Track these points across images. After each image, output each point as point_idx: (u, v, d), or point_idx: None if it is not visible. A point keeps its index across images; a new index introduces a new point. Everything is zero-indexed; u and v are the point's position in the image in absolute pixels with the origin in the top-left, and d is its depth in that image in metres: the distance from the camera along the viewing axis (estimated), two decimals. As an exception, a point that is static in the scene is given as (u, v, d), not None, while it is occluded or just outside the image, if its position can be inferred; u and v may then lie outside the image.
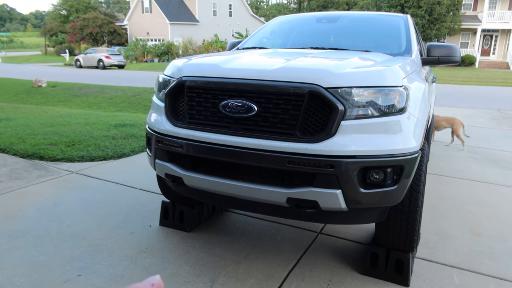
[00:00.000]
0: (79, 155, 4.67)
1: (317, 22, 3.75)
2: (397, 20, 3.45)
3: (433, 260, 2.61)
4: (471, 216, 3.34)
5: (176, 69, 2.39)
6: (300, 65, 2.17)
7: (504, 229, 3.11)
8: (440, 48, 3.03)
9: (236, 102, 2.05)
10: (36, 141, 5.15)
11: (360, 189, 1.93)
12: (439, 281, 2.37)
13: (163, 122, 2.34)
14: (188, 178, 2.25)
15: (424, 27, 29.91)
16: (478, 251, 2.74)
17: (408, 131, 2.01)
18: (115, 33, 44.53)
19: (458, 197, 3.78)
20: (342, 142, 1.90)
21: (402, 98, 1.99)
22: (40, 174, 4.06)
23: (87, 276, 2.33)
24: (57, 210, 3.21)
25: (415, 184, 2.17)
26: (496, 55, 34.41)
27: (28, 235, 2.78)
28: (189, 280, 2.32)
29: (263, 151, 1.99)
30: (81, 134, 5.74)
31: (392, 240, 2.34)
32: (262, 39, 3.71)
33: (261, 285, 2.29)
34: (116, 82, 17.38)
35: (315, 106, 1.96)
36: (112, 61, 29.20)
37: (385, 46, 3.07)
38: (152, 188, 3.69)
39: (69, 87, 15.27)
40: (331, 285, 2.31)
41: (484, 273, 2.48)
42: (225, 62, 2.30)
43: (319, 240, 2.85)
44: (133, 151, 5.03)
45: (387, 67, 2.13)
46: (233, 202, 2.37)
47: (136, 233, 2.88)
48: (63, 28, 49.55)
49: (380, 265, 2.37)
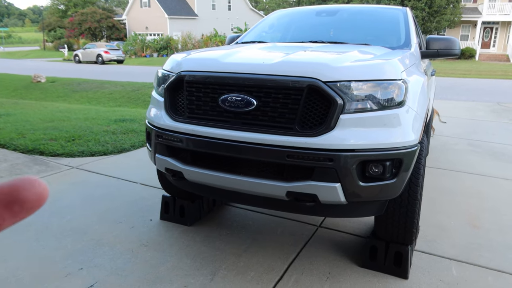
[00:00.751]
0: (79, 150, 4.68)
1: (316, 15, 3.74)
2: (396, 13, 3.44)
3: (432, 253, 2.63)
4: (470, 209, 3.35)
5: (175, 64, 2.40)
6: (299, 59, 2.18)
7: (502, 222, 3.13)
8: (439, 41, 3.02)
9: (236, 97, 2.06)
10: (36, 136, 5.16)
11: (359, 183, 1.95)
12: (438, 273, 2.39)
13: (163, 117, 2.34)
14: (188, 173, 2.26)
15: (424, 20, 29.78)
16: (477, 244, 2.76)
17: (407, 124, 2.01)
18: (114, 27, 44.36)
19: (457, 191, 3.79)
20: (341, 136, 1.91)
21: (401, 91, 2.00)
22: (41, 169, 4.08)
23: (89, 269, 2.35)
24: (58, 205, 3.23)
25: (414, 177, 2.19)
26: (496, 47, 34.29)
27: (30, 230, 2.79)
28: (190, 273, 2.34)
29: (263, 145, 2.00)
30: (81, 129, 5.75)
31: (391, 233, 2.35)
32: (261, 33, 3.70)
33: (261, 278, 2.31)
34: (115, 77, 17.35)
35: (314, 100, 1.96)
36: (111, 56, 29.11)
37: (384, 39, 3.06)
38: (153, 183, 3.70)
39: (68, 83, 15.25)
40: (330, 277, 2.33)
41: (483, 265, 2.50)
42: (224, 56, 2.30)
43: (318, 233, 2.87)
44: (133, 146, 5.04)
45: (386, 61, 2.13)
46: (233, 196, 2.38)
47: (137, 227, 2.90)
48: (61, 23, 49.34)
49: (379, 258, 2.39)
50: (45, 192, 0.36)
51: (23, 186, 0.35)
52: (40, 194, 0.36)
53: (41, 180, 0.36)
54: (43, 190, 0.36)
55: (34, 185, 0.36)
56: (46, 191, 0.37)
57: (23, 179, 0.36)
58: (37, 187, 0.36)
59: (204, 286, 2.22)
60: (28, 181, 0.36)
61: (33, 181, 0.36)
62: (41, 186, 0.36)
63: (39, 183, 0.36)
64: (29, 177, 0.36)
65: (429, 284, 2.28)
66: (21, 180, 0.36)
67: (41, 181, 0.36)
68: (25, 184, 0.35)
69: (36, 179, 0.36)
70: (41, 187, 0.36)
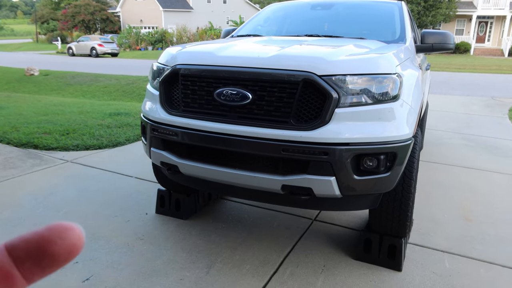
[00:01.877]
0: (74, 144, 4.65)
1: (312, 9, 3.73)
2: (391, 7, 3.44)
3: (425, 246, 2.66)
4: (464, 203, 3.39)
5: (170, 57, 2.38)
6: (294, 52, 2.18)
7: (495, 215, 3.16)
8: (434, 35, 3.03)
9: (231, 90, 2.05)
10: (30, 130, 5.12)
11: (353, 176, 1.96)
12: (431, 265, 2.42)
13: (158, 111, 2.34)
14: (183, 166, 2.26)
15: (420, 14, 29.79)
16: (469, 237, 2.80)
17: (401, 118, 2.03)
18: (108, 20, 43.94)
19: (450, 184, 3.83)
20: (336, 130, 1.92)
21: (395, 85, 2.00)
22: (35, 163, 4.05)
23: (85, 263, 2.35)
24: (53, 199, 3.22)
25: (408, 171, 2.20)
26: (491, 42, 34.41)
27: (25, 223, 2.79)
28: (185, 267, 2.35)
29: (258, 139, 2.00)
30: (76, 123, 5.72)
31: (385, 226, 2.38)
32: (256, 27, 3.69)
33: (257, 271, 2.33)
34: (110, 70, 17.21)
35: (309, 94, 1.97)
36: (106, 49, 28.86)
37: (379, 33, 3.07)
38: (148, 177, 3.70)
39: (62, 76, 15.11)
40: (325, 270, 2.35)
41: (475, 257, 2.53)
42: (219, 50, 2.29)
43: (314, 226, 2.89)
44: (128, 139, 5.03)
45: (381, 55, 2.14)
46: (228, 189, 2.39)
47: (132, 221, 2.90)
48: (54, 15, 48.77)
49: (374, 250, 2.42)
50: (79, 243, 0.32)
51: (53, 238, 0.31)
52: (73, 246, 0.31)
53: (75, 227, 0.32)
54: (77, 240, 0.32)
55: (67, 236, 0.31)
56: (80, 241, 0.32)
57: (54, 228, 0.31)
58: (70, 237, 0.31)
59: (200, 279, 2.23)
60: (60, 230, 0.31)
61: (65, 231, 0.31)
62: (74, 236, 0.31)
63: (73, 232, 0.32)
64: (62, 224, 0.31)
65: (422, 276, 2.31)
66: (52, 230, 0.31)
67: (75, 228, 0.32)
68: (56, 235, 0.31)
69: (71, 227, 0.32)
70: (75, 237, 0.31)
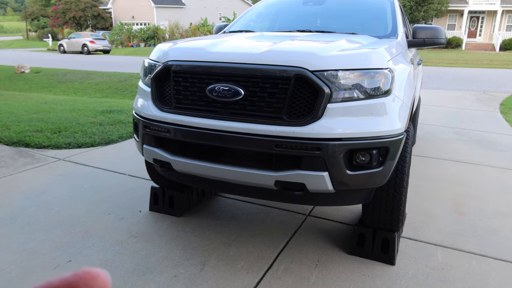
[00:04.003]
0: (66, 142, 4.62)
1: (304, 4, 3.72)
2: (383, 2, 3.44)
3: (418, 239, 2.68)
4: (456, 196, 3.42)
5: (161, 54, 2.37)
6: (286, 48, 2.17)
7: (487, 208, 3.20)
8: (426, 30, 3.04)
9: (223, 86, 2.05)
10: (21, 128, 5.07)
11: (346, 171, 1.97)
12: (424, 259, 2.45)
13: (150, 107, 2.32)
14: (176, 163, 2.25)
15: (412, 9, 29.87)
16: (462, 230, 2.82)
17: (393, 113, 2.03)
18: (99, 17, 43.53)
19: (443, 178, 3.86)
20: (329, 125, 1.92)
21: (387, 80, 2.01)
22: (27, 162, 4.02)
23: (78, 261, 2.34)
24: (45, 197, 3.19)
25: (400, 166, 2.22)
26: (483, 37, 34.62)
27: (17, 222, 2.76)
28: (180, 263, 2.35)
29: (251, 135, 2.00)
30: (68, 120, 5.67)
31: (378, 220, 2.39)
32: (248, 22, 3.67)
33: (251, 267, 2.33)
34: (101, 67, 17.07)
35: (302, 90, 1.96)
36: (97, 46, 28.59)
37: (371, 29, 3.07)
38: (141, 174, 3.68)
39: (53, 73, 14.96)
40: (319, 265, 2.37)
41: (467, 250, 2.56)
42: (211, 46, 2.28)
43: (307, 222, 2.90)
44: (120, 137, 5.00)
45: (373, 50, 2.14)
46: (222, 186, 2.38)
47: (126, 218, 2.89)
48: (44, 12, 48.22)
49: (367, 245, 2.43)
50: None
51: (80, 285, 0.31)
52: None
53: (102, 274, 0.32)
54: (104, 286, 0.32)
55: (93, 284, 0.31)
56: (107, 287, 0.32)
57: (81, 275, 0.31)
58: (99, 283, 0.31)
59: (194, 276, 2.23)
60: (87, 278, 0.31)
61: (92, 279, 0.31)
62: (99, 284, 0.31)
63: (99, 280, 0.31)
64: (89, 272, 0.31)
65: (415, 270, 2.33)
66: (79, 277, 0.31)
67: (101, 275, 0.32)
68: (82, 282, 0.31)
69: (97, 274, 0.32)
70: (100, 285, 0.31)
